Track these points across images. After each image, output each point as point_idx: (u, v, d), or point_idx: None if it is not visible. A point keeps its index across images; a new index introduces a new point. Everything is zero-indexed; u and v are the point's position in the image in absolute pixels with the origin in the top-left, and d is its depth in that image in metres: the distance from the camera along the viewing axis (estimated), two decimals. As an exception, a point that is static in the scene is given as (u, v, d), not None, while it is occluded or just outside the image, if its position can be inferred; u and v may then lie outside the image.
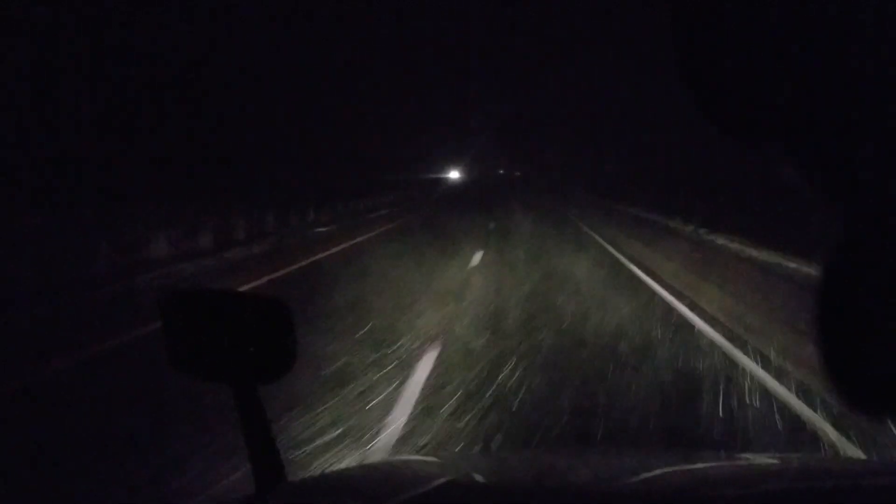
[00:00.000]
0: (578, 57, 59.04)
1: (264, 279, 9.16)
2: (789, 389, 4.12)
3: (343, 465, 2.99)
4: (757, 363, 4.76)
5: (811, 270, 7.90)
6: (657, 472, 1.16)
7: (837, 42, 0.42)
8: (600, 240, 14.64)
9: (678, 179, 21.09)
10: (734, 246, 11.51)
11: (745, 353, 5.05)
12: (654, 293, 7.93)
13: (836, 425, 3.47)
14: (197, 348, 1.11)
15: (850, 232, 0.45)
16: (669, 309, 6.90)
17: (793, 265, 8.65)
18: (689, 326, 6.07)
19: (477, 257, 11.08)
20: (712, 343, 5.41)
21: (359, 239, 15.28)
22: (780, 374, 4.42)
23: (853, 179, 0.44)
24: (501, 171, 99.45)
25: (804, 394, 4.00)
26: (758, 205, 12.77)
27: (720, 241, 12.43)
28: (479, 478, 1.21)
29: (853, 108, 0.43)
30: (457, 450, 3.14)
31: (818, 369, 0.46)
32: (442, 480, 1.13)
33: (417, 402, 3.85)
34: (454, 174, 62.69)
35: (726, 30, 0.46)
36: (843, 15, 0.42)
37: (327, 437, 3.29)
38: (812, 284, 0.47)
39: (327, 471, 2.79)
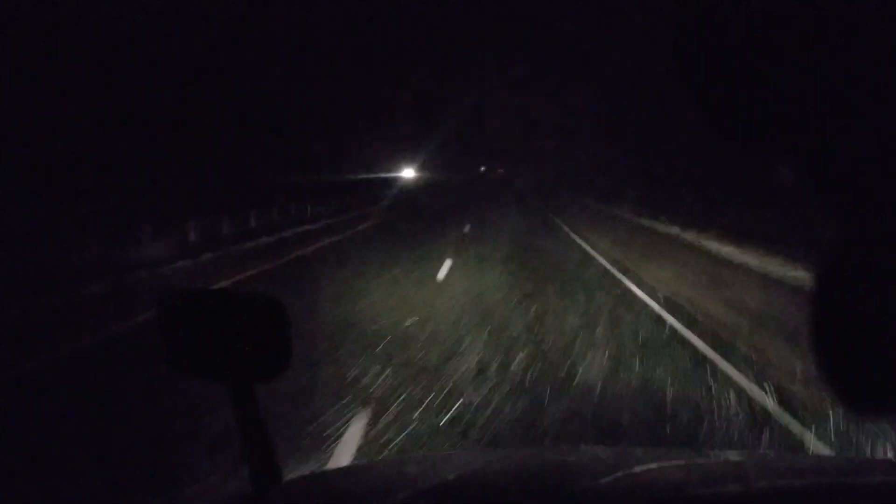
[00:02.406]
0: (574, 51, 50.04)
1: None
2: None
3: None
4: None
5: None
6: (653, 469, 1.16)
7: (836, 46, 0.42)
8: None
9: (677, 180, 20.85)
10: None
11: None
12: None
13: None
14: (193, 347, 1.12)
15: (847, 233, 0.45)
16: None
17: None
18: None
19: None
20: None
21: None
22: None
23: (850, 181, 0.44)
24: (483, 169, 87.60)
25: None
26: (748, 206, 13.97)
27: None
28: (474, 477, 1.20)
29: (851, 112, 0.43)
30: (453, 449, 3.18)
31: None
32: (437, 480, 1.16)
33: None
34: (410, 173, 42.35)
35: (726, 33, 0.46)
36: (841, 19, 0.42)
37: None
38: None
39: (323, 470, 2.81)
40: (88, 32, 12.32)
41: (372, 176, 33.99)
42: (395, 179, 39.17)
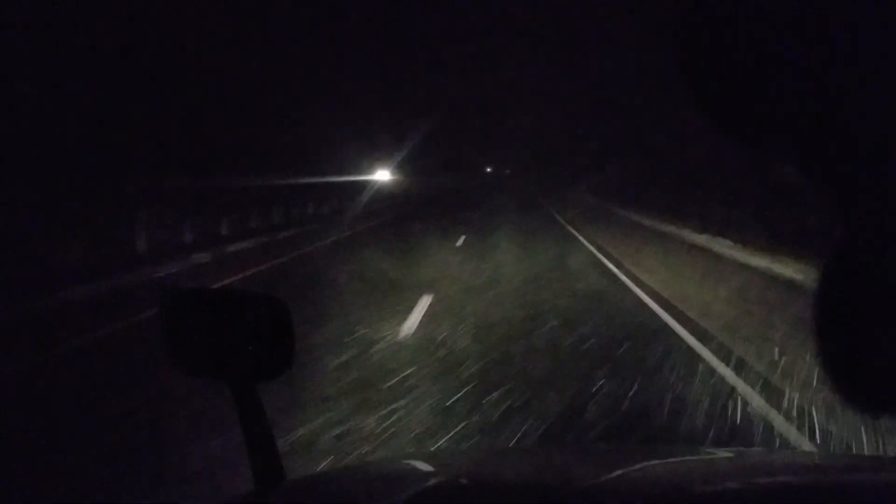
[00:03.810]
0: (574, 45, 47.66)
1: None
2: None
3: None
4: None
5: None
6: (653, 467, 1.17)
7: (839, 41, 0.41)
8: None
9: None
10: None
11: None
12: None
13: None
14: (196, 346, 1.13)
15: (849, 231, 0.45)
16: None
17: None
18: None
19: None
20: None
21: None
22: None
23: (853, 178, 0.44)
24: (489, 170, 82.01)
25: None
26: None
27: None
28: (475, 476, 1.22)
29: (854, 108, 0.43)
30: (457, 448, 3.22)
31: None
32: (439, 479, 1.18)
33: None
34: (385, 175, 31.83)
35: (728, 28, 0.46)
36: (844, 15, 0.41)
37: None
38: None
39: (326, 469, 2.86)
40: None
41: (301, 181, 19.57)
42: (358, 186, 27.70)
